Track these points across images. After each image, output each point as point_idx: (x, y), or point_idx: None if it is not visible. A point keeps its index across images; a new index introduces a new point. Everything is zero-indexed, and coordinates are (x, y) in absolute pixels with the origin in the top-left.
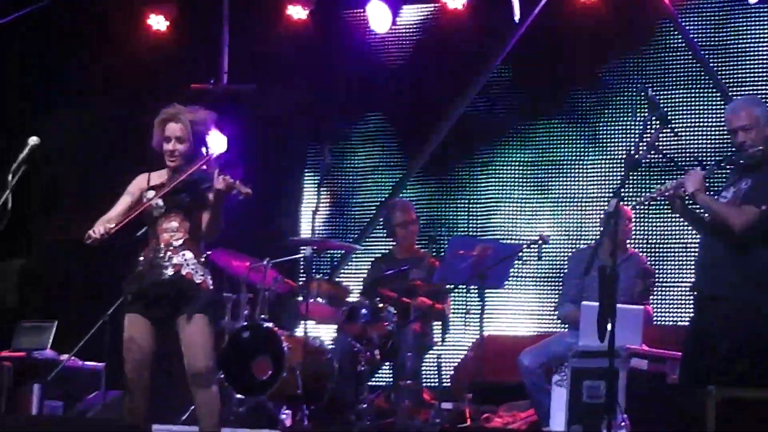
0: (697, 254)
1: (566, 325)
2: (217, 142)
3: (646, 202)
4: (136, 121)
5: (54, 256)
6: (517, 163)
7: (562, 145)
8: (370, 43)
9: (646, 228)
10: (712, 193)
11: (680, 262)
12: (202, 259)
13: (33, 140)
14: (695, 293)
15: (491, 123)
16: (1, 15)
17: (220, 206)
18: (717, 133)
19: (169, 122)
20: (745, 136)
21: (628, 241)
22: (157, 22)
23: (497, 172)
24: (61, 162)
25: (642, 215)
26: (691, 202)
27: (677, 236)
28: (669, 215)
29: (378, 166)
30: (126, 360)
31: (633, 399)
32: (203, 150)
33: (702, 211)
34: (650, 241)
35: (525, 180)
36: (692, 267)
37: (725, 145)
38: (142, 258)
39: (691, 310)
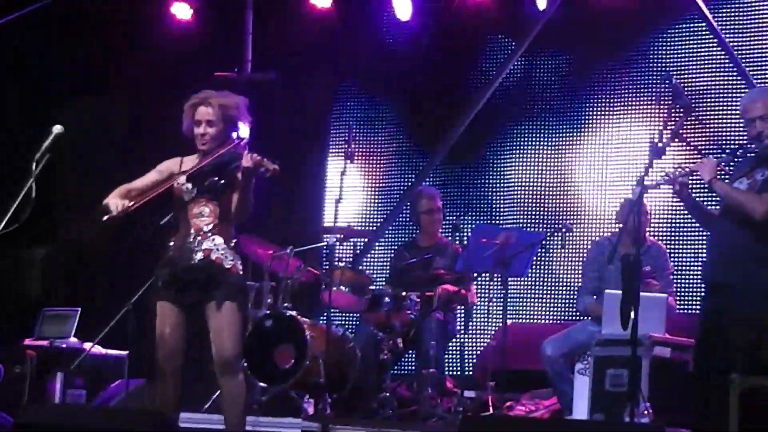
0: (707, 245)
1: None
2: (242, 129)
3: (655, 188)
4: (160, 110)
5: (79, 243)
6: (540, 152)
7: (586, 133)
8: (393, 30)
9: (667, 216)
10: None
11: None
12: (233, 244)
13: (57, 128)
14: (707, 283)
15: (515, 111)
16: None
17: (248, 185)
18: (741, 120)
19: (200, 106)
20: (763, 126)
21: (647, 231)
22: (181, 11)
23: (521, 160)
24: (81, 155)
25: (662, 203)
26: (706, 190)
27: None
28: None
29: (402, 154)
30: (158, 347)
31: (656, 387)
32: (234, 134)
33: (717, 199)
34: (673, 230)
35: (548, 168)
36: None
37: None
38: (172, 243)
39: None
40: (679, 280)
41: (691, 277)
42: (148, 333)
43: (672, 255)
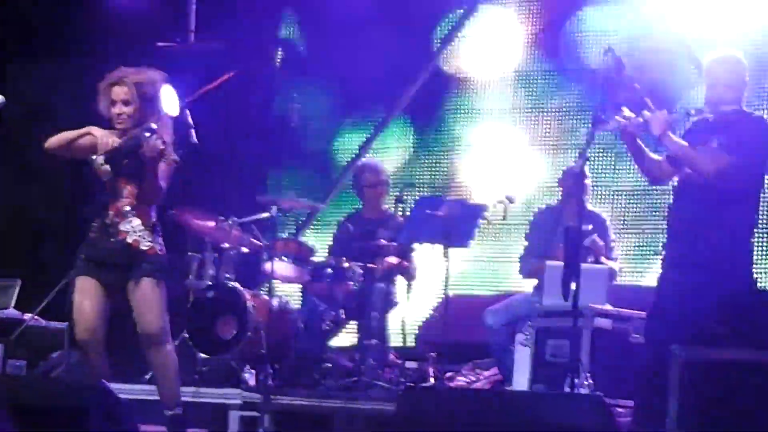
0: (667, 216)
1: (531, 284)
2: (170, 103)
3: (601, 132)
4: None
5: (21, 214)
6: (483, 123)
7: (528, 106)
8: None
9: (610, 187)
10: None
11: (645, 222)
12: (151, 225)
13: None
14: (667, 256)
15: (457, 83)
16: None
17: (154, 171)
18: (687, 93)
19: (114, 86)
20: (726, 92)
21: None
22: None
23: (463, 131)
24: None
25: (606, 174)
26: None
27: (642, 195)
28: (633, 174)
29: (345, 125)
30: (76, 322)
31: (596, 358)
32: (155, 111)
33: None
34: (615, 201)
35: (491, 139)
36: (657, 226)
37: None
38: (95, 224)
39: (656, 270)
40: (624, 252)
41: (636, 248)
42: None
43: (618, 225)
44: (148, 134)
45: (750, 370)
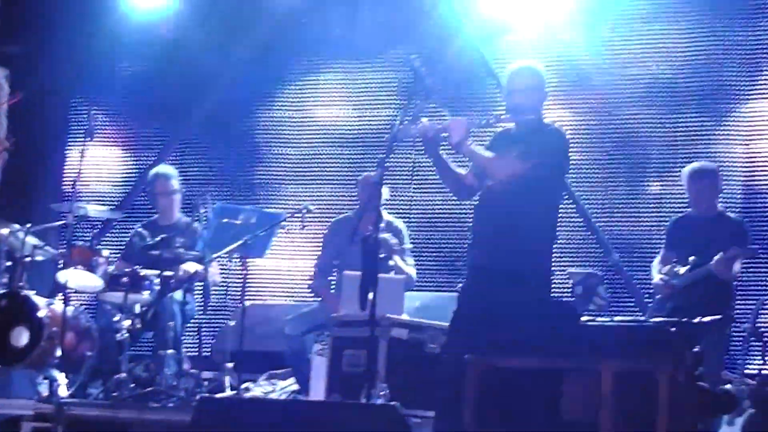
0: (472, 226)
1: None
2: None
3: (402, 138)
4: None
5: None
6: (282, 130)
7: (328, 112)
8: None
9: (411, 195)
10: None
11: (444, 230)
12: None
13: None
14: (468, 265)
15: (255, 89)
16: None
17: None
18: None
19: None
20: (523, 99)
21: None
22: None
23: (262, 139)
24: None
25: (404, 183)
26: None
27: (441, 204)
28: (432, 184)
29: (143, 132)
30: None
31: (392, 368)
32: None
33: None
34: (413, 209)
35: (290, 147)
36: (458, 235)
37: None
38: None
39: (456, 278)
40: (423, 260)
41: (435, 256)
42: None
43: (418, 234)
44: None
45: (540, 376)
